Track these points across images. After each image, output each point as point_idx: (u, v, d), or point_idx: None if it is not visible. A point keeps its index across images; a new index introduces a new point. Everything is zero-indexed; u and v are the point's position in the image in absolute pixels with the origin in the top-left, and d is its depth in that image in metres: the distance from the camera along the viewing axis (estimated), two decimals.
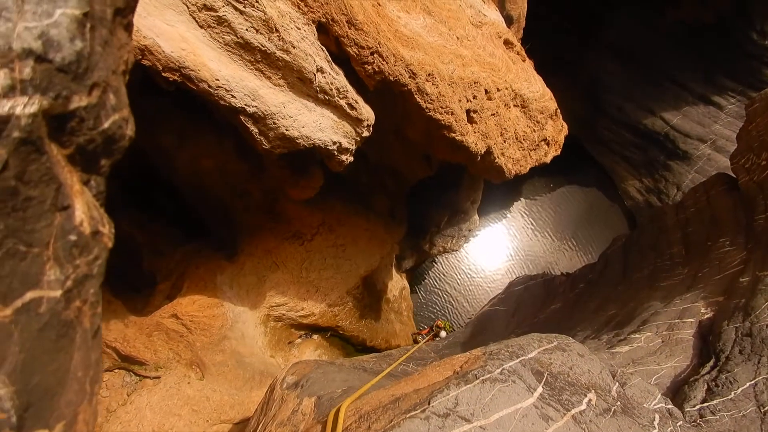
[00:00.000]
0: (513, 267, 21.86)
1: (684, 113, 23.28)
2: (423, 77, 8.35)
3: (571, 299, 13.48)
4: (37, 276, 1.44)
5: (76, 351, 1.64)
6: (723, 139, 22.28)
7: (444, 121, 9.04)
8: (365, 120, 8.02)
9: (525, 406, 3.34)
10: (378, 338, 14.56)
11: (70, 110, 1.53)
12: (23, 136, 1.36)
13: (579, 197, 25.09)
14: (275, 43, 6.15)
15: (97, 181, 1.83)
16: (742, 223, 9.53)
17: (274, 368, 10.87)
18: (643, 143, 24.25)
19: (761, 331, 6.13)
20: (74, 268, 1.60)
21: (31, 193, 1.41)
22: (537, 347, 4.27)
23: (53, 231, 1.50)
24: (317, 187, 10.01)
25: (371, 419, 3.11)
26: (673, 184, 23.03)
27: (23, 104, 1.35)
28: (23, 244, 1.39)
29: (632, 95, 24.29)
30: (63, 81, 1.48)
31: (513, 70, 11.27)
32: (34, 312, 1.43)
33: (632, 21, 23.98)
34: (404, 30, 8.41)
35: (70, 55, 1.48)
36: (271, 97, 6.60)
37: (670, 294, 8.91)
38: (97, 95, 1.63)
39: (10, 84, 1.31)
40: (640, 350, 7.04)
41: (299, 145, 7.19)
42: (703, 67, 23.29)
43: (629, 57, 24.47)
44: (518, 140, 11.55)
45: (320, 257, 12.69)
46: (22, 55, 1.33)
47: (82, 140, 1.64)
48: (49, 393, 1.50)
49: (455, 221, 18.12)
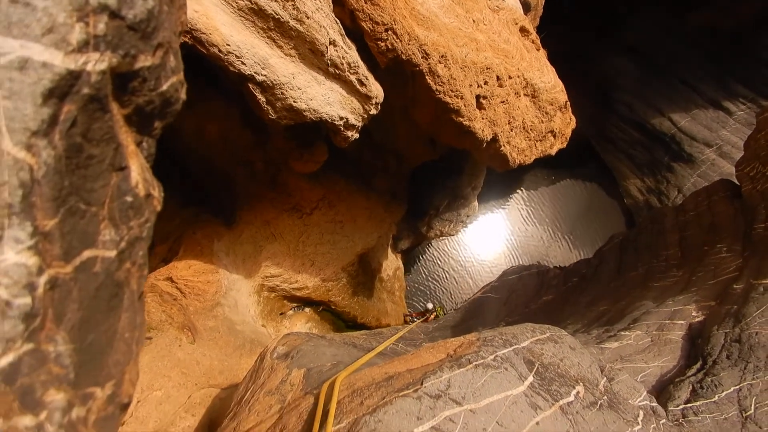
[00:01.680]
0: (508, 256, 21.96)
1: (693, 116, 23.15)
2: (436, 58, 8.24)
3: (564, 292, 13.58)
4: (93, 235, 1.44)
5: (124, 312, 1.65)
6: (729, 145, 22.20)
7: (453, 105, 8.96)
8: (374, 97, 7.94)
9: (515, 394, 3.39)
10: (369, 316, 14.68)
11: (135, 69, 1.51)
12: (92, 93, 1.34)
13: (579, 192, 25.10)
14: (289, 11, 6.04)
15: (149, 143, 1.81)
16: (741, 230, 9.56)
17: (264, 337, 10.97)
18: (649, 143, 24.16)
19: (750, 339, 6.20)
20: (128, 230, 1.60)
21: (93, 151, 1.39)
22: (530, 337, 4.31)
23: (109, 191, 1.49)
24: (321, 162, 9.95)
25: (364, 395, 3.15)
26: (674, 186, 23.02)
27: (95, 60, 1.33)
28: (83, 202, 1.38)
29: (643, 94, 24.11)
30: (132, 39, 1.45)
31: (526, 58, 11.14)
32: (90, 271, 1.43)
33: (650, 22, 23.73)
34: (421, 9, 8.26)
35: (142, 12, 1.45)
36: (281, 66, 6.51)
37: (663, 295, 8.98)
38: (161, 56, 1.60)
39: (85, 39, 1.28)
40: (629, 347, 7.13)
41: (306, 117, 7.12)
42: (716, 72, 23.12)
43: (643, 56, 24.26)
44: (525, 130, 11.48)
45: (318, 232, 12.71)
46: (98, 9, 1.30)
47: (142, 101, 1.62)
48: (100, 352, 1.52)
49: (455, 206, 18.11)
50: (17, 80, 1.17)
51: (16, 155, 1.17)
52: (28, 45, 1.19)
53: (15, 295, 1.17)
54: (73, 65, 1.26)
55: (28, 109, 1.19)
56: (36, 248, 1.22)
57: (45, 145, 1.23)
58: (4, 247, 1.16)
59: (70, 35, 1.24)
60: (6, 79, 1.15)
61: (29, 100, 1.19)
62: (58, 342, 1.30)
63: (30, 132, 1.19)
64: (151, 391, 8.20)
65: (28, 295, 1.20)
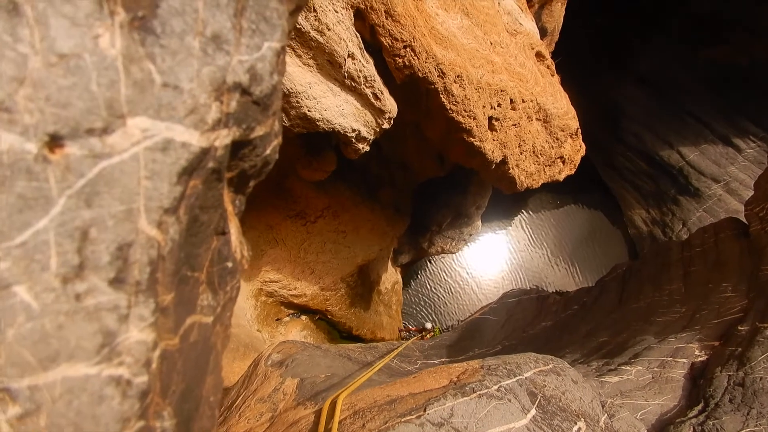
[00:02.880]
0: (507, 277, 21.88)
1: (702, 150, 23.17)
2: (452, 78, 8.25)
3: (563, 320, 13.46)
4: (193, 301, 1.42)
5: (209, 375, 1.60)
6: (736, 182, 22.18)
7: (465, 125, 8.95)
8: (388, 112, 7.94)
9: (518, 427, 3.31)
10: (364, 328, 14.58)
11: (250, 139, 1.50)
12: (215, 167, 1.35)
13: (583, 218, 25.05)
14: (311, 22, 6.06)
15: (241, 200, 1.80)
16: (747, 270, 9.47)
17: (259, 342, 10.88)
18: (656, 174, 24.16)
19: (754, 383, 6.10)
20: (224, 294, 1.58)
21: (203, 218, 1.39)
22: (533, 367, 4.24)
23: (209, 255, 1.47)
24: (329, 171, 9.94)
25: (366, 417, 3.08)
26: (679, 220, 22.97)
27: (224, 136, 1.34)
28: (190, 269, 1.37)
29: (652, 125, 24.17)
30: (255, 113, 1.45)
31: (541, 83, 11.16)
32: (191, 339, 1.41)
33: (664, 54, 23.85)
34: (440, 28, 8.29)
35: (268, 88, 1.45)
36: (299, 75, 6.51)
37: (665, 330, 8.88)
38: (271, 123, 1.60)
39: (219, 118, 1.30)
40: (629, 383, 7.02)
41: (319, 127, 7.12)
42: (726, 108, 23.18)
43: (655, 87, 24.36)
44: (535, 154, 11.46)
45: (320, 240, 12.66)
46: (232, 88, 1.31)
47: (247, 165, 1.62)
48: (190, 419, 1.46)
49: (458, 224, 18.08)
50: (159, 161, 1.18)
51: (149, 233, 1.17)
52: (173, 127, 1.20)
53: (135, 374, 1.16)
54: (206, 143, 1.27)
55: (165, 188, 1.20)
56: (155, 324, 1.21)
57: (173, 221, 1.24)
58: (130, 325, 1.15)
59: (207, 115, 1.26)
60: (150, 161, 1.16)
61: (167, 179, 1.20)
62: (165, 417, 1.28)
63: (163, 210, 1.20)
64: None
65: (146, 373, 1.19)
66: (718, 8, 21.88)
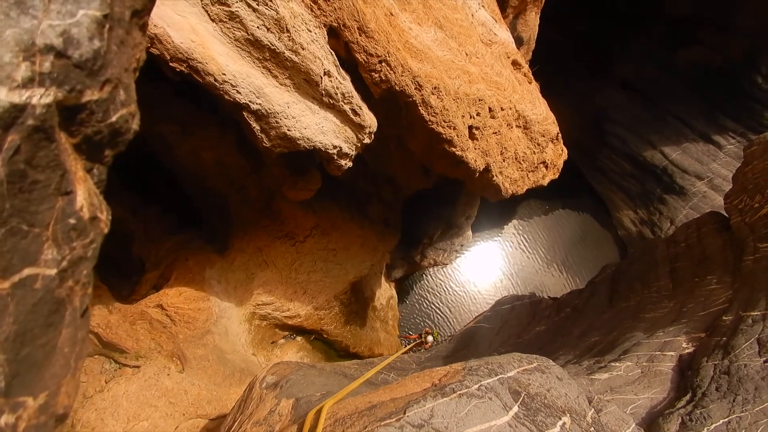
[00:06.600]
0: (501, 285, 21.91)
1: (684, 149, 23.57)
2: (429, 90, 8.42)
3: (556, 323, 13.52)
4: (35, 254, 1.53)
5: (64, 328, 1.73)
6: (720, 178, 22.53)
7: (446, 135, 9.10)
8: (368, 127, 8.07)
9: (499, 424, 3.36)
10: (361, 345, 14.52)
11: (82, 103, 1.64)
12: (36, 124, 1.46)
13: (572, 222, 25.25)
14: (285, 43, 6.20)
15: (100, 170, 1.93)
16: (731, 262, 9.62)
17: (254, 366, 10.82)
18: (641, 175, 24.50)
19: (739, 371, 6.18)
20: (70, 250, 1.69)
21: (37, 177, 1.50)
22: (517, 366, 4.30)
23: (54, 213, 1.59)
24: (314, 190, 10.01)
25: (346, 424, 3.12)
26: (666, 218, 23.23)
27: (39, 95, 1.45)
28: (26, 223, 1.48)
29: (635, 127, 24.60)
30: (78, 76, 1.58)
31: (518, 90, 11.38)
32: (29, 287, 1.52)
33: (643, 57, 24.39)
34: (414, 42, 8.48)
35: (88, 52, 1.59)
36: (276, 96, 6.63)
37: (654, 326, 8.97)
38: (108, 91, 1.75)
39: (30, 76, 1.41)
40: (619, 379, 7.08)
41: (300, 146, 7.21)
42: (706, 106, 23.66)
43: (636, 91, 24.86)
44: (517, 160, 11.63)
45: (311, 259, 12.67)
46: (44, 50, 1.44)
47: (90, 131, 1.74)
48: (36, 365, 1.59)
49: (448, 235, 18.17)
50: None
51: None
52: None
53: None
54: (17, 99, 1.38)
55: None
56: None
57: None
58: None
59: (15, 72, 1.37)
60: None
61: None
62: None
63: None
64: (138, 421, 8.04)
65: None
66: (692, 10, 22.46)
